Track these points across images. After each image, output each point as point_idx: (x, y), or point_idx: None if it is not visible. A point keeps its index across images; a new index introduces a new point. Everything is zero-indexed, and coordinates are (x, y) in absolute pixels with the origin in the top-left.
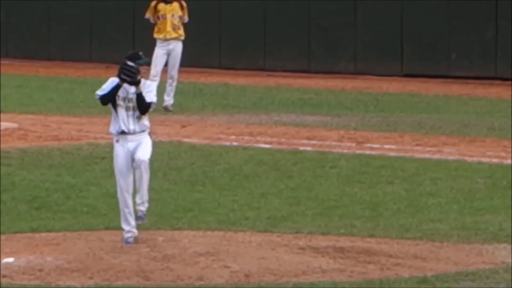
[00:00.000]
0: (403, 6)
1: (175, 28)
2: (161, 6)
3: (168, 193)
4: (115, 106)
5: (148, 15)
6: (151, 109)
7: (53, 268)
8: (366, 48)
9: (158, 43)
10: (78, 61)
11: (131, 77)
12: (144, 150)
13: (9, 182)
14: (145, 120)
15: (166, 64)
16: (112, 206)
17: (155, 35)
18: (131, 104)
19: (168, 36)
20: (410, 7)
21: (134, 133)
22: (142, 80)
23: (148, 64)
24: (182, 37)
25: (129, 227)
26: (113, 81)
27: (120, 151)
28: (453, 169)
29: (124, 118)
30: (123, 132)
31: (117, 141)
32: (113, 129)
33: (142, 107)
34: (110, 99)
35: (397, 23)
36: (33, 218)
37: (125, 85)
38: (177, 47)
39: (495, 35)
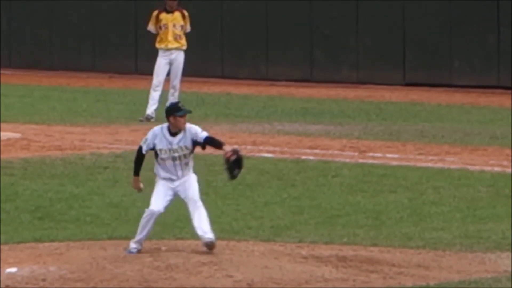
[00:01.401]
0: (405, 15)
1: (176, 38)
2: (163, 15)
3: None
4: (156, 156)
5: (150, 26)
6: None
7: (56, 278)
8: (368, 57)
9: (160, 53)
10: (81, 71)
11: None
12: (193, 188)
13: (12, 192)
14: (191, 161)
15: (168, 74)
16: (116, 216)
17: (157, 45)
18: (177, 154)
19: (169, 46)
20: (412, 16)
21: (182, 177)
22: (187, 125)
23: (190, 112)
24: (184, 47)
25: (139, 238)
26: (156, 132)
27: (163, 188)
28: (455, 177)
29: (171, 168)
30: (170, 179)
31: (163, 178)
32: (158, 173)
33: (215, 145)
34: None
35: (399, 32)
36: (36, 228)
37: (167, 136)
38: (179, 57)
39: (497, 44)
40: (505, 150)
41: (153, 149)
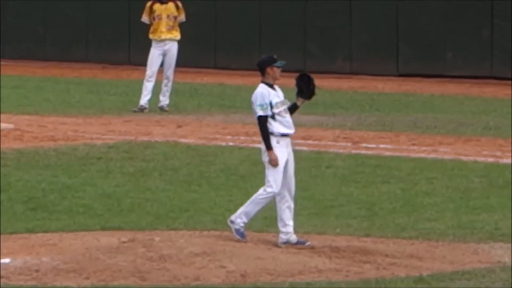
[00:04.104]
0: (399, 6)
1: (169, 29)
2: (157, 6)
3: (164, 193)
4: (273, 115)
5: (144, 17)
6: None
7: (49, 268)
8: (362, 48)
9: (154, 44)
10: (74, 62)
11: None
12: (293, 179)
13: (5, 183)
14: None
15: (161, 65)
16: (108, 207)
17: (151, 36)
18: (286, 105)
19: (163, 37)
20: (405, 7)
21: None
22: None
23: (284, 64)
24: (178, 38)
25: (285, 228)
26: (263, 94)
27: (281, 153)
28: (449, 168)
29: (288, 119)
30: (287, 134)
31: (278, 142)
32: (277, 130)
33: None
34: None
35: (392, 23)
36: (29, 219)
37: (271, 91)
38: (173, 48)
39: (490, 35)
40: (498, 140)
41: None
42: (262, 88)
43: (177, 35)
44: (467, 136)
